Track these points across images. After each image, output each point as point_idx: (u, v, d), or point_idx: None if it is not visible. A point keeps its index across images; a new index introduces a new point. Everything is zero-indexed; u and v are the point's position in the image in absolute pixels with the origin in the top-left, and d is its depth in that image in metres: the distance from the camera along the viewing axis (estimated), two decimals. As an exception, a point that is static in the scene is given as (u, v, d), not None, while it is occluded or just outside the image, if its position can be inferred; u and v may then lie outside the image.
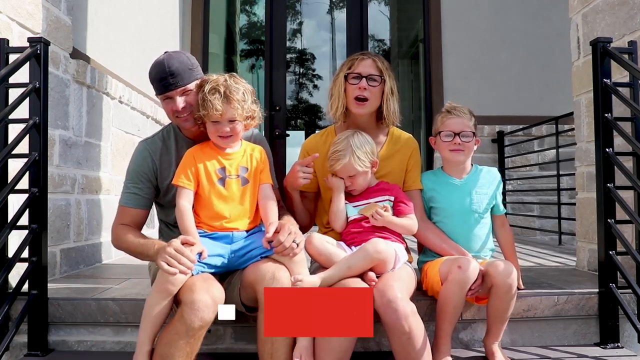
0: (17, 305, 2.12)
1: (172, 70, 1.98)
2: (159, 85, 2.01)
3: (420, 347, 1.82)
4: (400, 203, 2.13)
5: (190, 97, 2.01)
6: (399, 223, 2.09)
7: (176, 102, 2.00)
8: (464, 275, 1.94)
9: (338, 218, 2.13)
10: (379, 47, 6.43)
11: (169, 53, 2.05)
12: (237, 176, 1.98)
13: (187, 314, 1.71)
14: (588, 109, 2.78)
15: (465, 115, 2.20)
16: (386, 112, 2.23)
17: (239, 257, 1.93)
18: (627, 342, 2.28)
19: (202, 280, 1.80)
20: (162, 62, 2.00)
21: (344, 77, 2.21)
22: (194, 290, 1.74)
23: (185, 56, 2.05)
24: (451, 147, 2.19)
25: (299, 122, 6.52)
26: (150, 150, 2.10)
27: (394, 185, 2.20)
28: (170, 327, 1.76)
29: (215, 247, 1.91)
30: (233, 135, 1.96)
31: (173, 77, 1.98)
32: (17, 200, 2.21)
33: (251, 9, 6.62)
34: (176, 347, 1.73)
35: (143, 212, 2.10)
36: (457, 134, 2.17)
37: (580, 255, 2.91)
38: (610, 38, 2.43)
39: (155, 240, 1.95)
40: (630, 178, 2.21)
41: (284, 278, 1.83)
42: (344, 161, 2.08)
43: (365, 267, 1.91)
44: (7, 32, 2.31)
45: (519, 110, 5.26)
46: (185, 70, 2.00)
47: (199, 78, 2.04)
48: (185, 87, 2.00)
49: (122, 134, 3.58)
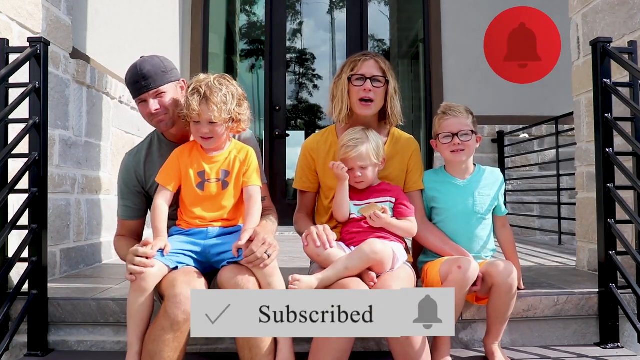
0: (17, 305, 2.12)
1: (144, 73, 2.01)
2: (133, 88, 2.06)
3: (419, 348, 1.82)
4: (401, 205, 2.12)
5: (164, 99, 2.04)
6: (398, 225, 2.08)
7: (149, 104, 2.03)
8: (464, 276, 1.94)
9: (341, 206, 2.10)
10: (379, 47, 6.43)
11: (144, 57, 2.09)
12: (218, 179, 1.99)
13: (170, 308, 1.73)
14: (588, 109, 2.78)
15: (462, 114, 2.19)
16: (390, 112, 2.24)
17: (214, 255, 1.94)
18: (627, 342, 2.28)
19: (183, 274, 1.82)
20: (135, 66, 2.04)
21: (347, 79, 2.21)
22: (175, 284, 1.76)
23: (158, 59, 2.09)
24: (451, 148, 2.18)
25: (299, 122, 6.52)
26: (133, 163, 2.16)
27: (396, 186, 2.20)
28: (156, 324, 1.77)
29: (189, 244, 1.94)
30: (214, 137, 1.96)
31: (145, 80, 2.01)
32: (17, 200, 2.21)
33: (251, 9, 6.62)
34: (163, 343, 1.74)
35: (137, 223, 2.20)
36: (455, 134, 2.17)
37: (580, 255, 2.91)
38: (610, 38, 2.43)
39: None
40: (630, 178, 2.21)
41: (249, 284, 1.81)
42: (361, 148, 2.08)
43: (362, 267, 1.91)
44: (7, 32, 2.31)
45: (519, 110, 5.26)
46: (157, 73, 2.03)
47: (174, 80, 2.08)
48: (157, 90, 2.03)
49: (122, 134, 3.58)
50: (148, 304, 1.80)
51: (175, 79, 2.10)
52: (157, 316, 1.78)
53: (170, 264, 1.85)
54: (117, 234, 2.21)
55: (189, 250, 1.93)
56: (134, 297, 1.79)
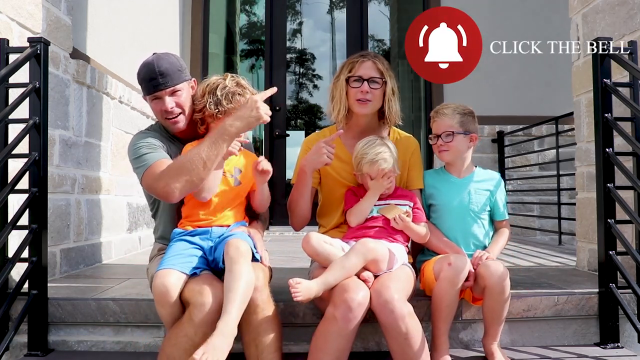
0: (17, 305, 2.12)
1: (161, 70, 2.01)
2: (148, 85, 2.04)
3: (418, 348, 1.82)
4: (417, 210, 2.18)
5: (179, 97, 2.04)
6: (416, 229, 2.13)
7: (165, 102, 2.02)
8: (454, 272, 1.95)
9: (362, 215, 2.14)
10: (379, 47, 6.43)
11: (158, 54, 2.08)
12: (232, 175, 2.05)
13: (196, 316, 1.75)
14: (588, 109, 2.78)
15: (447, 116, 2.21)
16: (388, 112, 2.25)
17: (218, 253, 1.95)
18: (627, 342, 2.27)
19: (209, 282, 1.82)
20: (151, 63, 2.03)
21: (345, 80, 2.21)
22: (203, 293, 1.77)
23: (174, 57, 2.09)
24: (436, 149, 2.24)
25: (299, 122, 6.52)
26: (152, 133, 2.11)
27: (410, 192, 2.25)
28: (178, 329, 1.79)
29: (195, 248, 1.96)
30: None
31: (163, 77, 2.01)
32: (17, 200, 2.21)
33: (251, 9, 6.62)
34: (184, 351, 1.76)
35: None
36: (438, 136, 2.21)
37: (580, 255, 2.91)
38: (610, 38, 2.43)
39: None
40: (630, 178, 2.21)
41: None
42: (390, 161, 2.11)
43: (359, 265, 1.91)
44: (7, 32, 2.31)
45: (519, 110, 5.25)
46: (175, 71, 2.04)
47: (187, 80, 2.09)
48: (174, 88, 2.03)
49: (122, 134, 3.58)
50: (177, 312, 1.82)
51: (188, 78, 2.11)
52: (181, 322, 1.79)
53: (187, 270, 1.86)
54: (156, 171, 1.92)
55: (197, 256, 1.93)
56: (164, 310, 1.81)
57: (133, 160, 2.03)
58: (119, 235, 3.56)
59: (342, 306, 1.79)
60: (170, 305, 1.80)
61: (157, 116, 2.10)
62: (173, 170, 1.88)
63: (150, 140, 2.04)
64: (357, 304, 1.79)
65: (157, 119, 2.13)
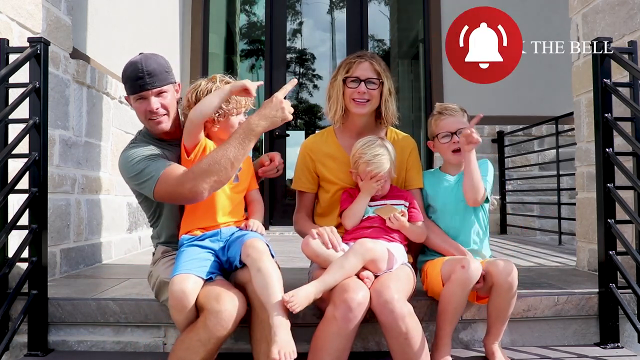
0: (17, 305, 2.12)
1: (149, 70, 2.00)
2: (134, 84, 2.01)
3: (418, 348, 1.82)
4: (413, 209, 2.17)
5: (164, 99, 2.03)
6: (412, 229, 2.13)
7: (151, 102, 2.01)
8: (468, 275, 1.94)
9: (355, 217, 2.14)
10: (379, 47, 6.44)
11: (145, 54, 2.07)
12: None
13: (211, 322, 1.74)
14: (588, 109, 2.78)
15: (458, 113, 2.22)
16: (385, 112, 2.25)
17: (228, 247, 1.97)
18: (627, 342, 2.28)
19: (225, 289, 1.82)
20: (138, 62, 2.01)
21: (342, 81, 2.22)
22: (219, 300, 1.77)
23: (162, 59, 2.08)
24: (452, 147, 2.21)
25: (299, 122, 6.52)
26: (141, 144, 2.07)
27: (406, 191, 2.24)
28: (192, 333, 1.79)
29: (207, 252, 1.95)
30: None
31: (150, 77, 1.99)
32: (17, 200, 2.21)
33: (251, 9, 6.62)
34: (197, 354, 1.77)
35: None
36: (454, 133, 2.19)
37: (580, 255, 2.91)
38: (610, 38, 2.43)
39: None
40: (630, 178, 2.21)
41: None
42: (387, 165, 2.11)
43: (358, 265, 1.90)
44: (7, 32, 2.31)
45: (519, 110, 5.26)
46: (162, 72, 2.03)
47: (173, 82, 2.09)
48: (161, 89, 2.02)
49: (122, 134, 3.58)
50: (193, 317, 1.82)
51: (174, 80, 2.11)
52: (195, 326, 1.79)
53: (203, 275, 1.85)
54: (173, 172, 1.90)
55: (210, 260, 1.93)
56: (181, 316, 1.81)
57: (133, 177, 1.96)
58: (119, 235, 3.56)
59: (342, 306, 1.79)
60: (188, 310, 1.79)
61: (140, 117, 2.07)
62: (199, 172, 1.85)
63: (144, 151, 1.98)
64: (357, 303, 1.79)
65: (140, 119, 2.10)
